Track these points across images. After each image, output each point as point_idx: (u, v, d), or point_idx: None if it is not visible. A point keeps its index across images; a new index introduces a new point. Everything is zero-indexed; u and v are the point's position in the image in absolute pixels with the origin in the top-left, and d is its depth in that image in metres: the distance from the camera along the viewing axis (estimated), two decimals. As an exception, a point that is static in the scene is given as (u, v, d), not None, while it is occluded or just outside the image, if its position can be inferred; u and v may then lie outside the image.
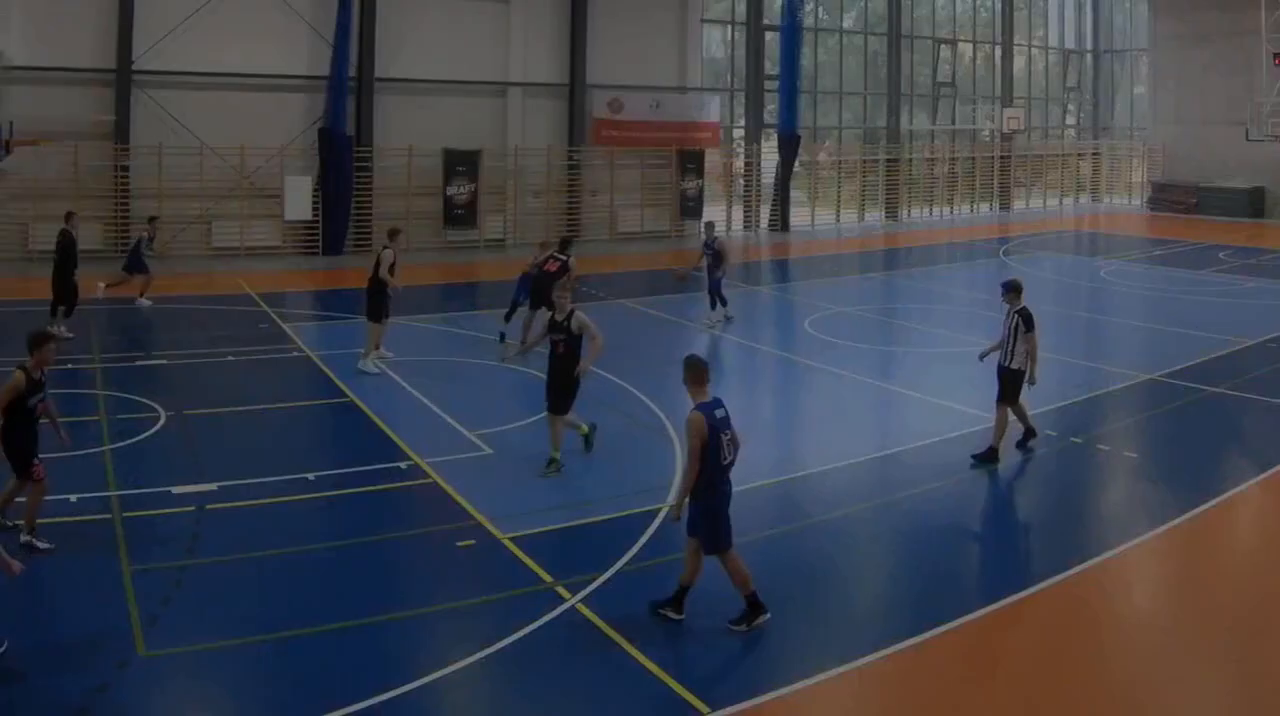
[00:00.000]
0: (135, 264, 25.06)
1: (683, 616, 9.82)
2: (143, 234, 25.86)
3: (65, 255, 21.63)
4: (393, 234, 20.09)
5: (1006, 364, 14.63)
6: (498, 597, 10.47)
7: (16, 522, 11.55)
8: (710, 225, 26.37)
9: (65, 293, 21.51)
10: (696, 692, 8.67)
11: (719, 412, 9.66)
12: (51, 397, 11.68)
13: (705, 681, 8.92)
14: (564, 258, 20.29)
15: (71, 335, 21.16)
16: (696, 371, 9.83)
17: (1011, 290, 14.73)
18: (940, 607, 10.30)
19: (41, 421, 11.52)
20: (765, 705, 8.62)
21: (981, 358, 15.24)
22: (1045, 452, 15.14)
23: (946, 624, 9.96)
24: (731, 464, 9.80)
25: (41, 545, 11.25)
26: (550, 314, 14.59)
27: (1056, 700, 8.91)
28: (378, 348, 19.65)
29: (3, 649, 9.19)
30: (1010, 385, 14.58)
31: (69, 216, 22.38)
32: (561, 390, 13.94)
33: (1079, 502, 13.66)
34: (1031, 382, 14.75)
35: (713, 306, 24.49)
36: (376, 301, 19.41)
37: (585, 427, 14.67)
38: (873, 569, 11.66)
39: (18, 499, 11.68)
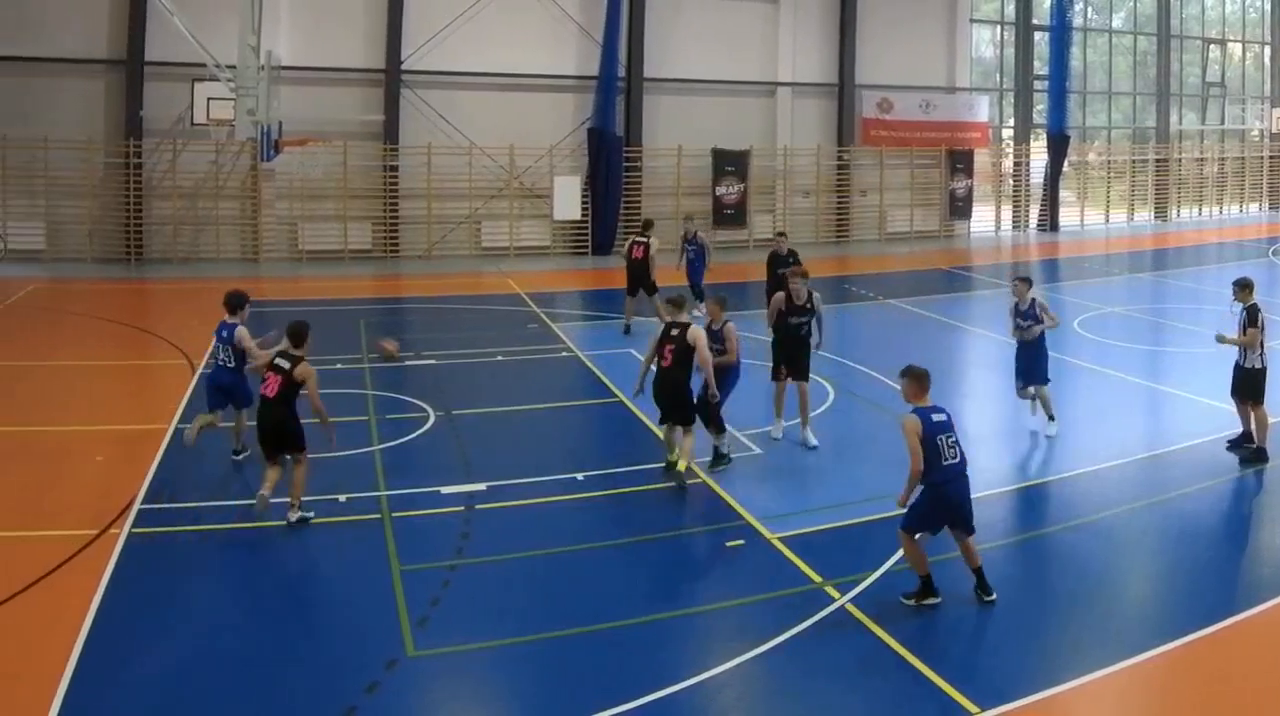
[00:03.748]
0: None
1: (939, 598, 9.48)
2: None
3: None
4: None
5: (1242, 363, 13.81)
6: (767, 597, 9.80)
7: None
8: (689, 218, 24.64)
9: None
10: (965, 692, 8.00)
11: (936, 417, 9.37)
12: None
13: (974, 680, 8.21)
14: (645, 240, 21.48)
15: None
16: (919, 380, 9.69)
17: (1242, 287, 13.83)
18: (1207, 608, 9.46)
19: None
20: (1035, 704, 7.93)
21: (1218, 340, 14.07)
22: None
23: (1214, 624, 9.18)
24: (958, 466, 9.39)
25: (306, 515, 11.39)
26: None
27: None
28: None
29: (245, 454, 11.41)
30: (1248, 384, 13.74)
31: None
32: (671, 402, 12.82)
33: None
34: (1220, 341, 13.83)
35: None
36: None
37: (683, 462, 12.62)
38: (1141, 569, 10.83)
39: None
